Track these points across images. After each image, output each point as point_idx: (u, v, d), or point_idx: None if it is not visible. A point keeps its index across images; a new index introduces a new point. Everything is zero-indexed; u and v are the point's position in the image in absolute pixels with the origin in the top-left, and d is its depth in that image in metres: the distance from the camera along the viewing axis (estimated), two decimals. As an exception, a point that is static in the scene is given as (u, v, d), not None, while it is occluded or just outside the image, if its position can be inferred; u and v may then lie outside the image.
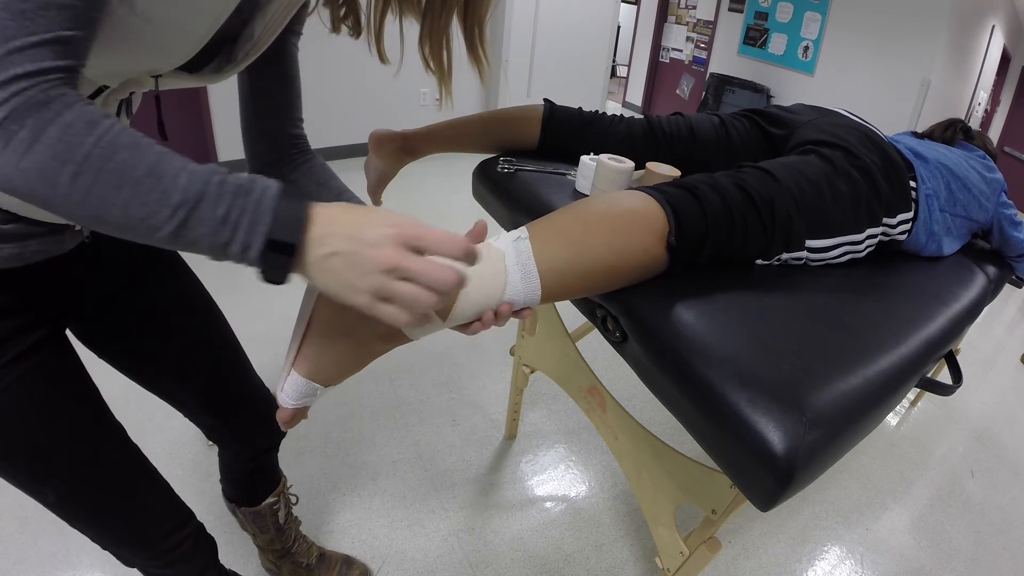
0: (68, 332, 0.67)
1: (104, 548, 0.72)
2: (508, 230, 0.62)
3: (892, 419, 1.95)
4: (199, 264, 0.81)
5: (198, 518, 0.85)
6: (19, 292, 0.57)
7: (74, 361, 0.65)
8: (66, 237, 0.58)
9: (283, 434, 1.01)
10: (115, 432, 0.69)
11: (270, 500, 1.04)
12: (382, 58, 0.63)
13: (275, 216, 0.40)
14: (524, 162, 0.99)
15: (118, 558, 0.75)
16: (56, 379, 0.62)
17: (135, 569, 0.78)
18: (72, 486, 0.65)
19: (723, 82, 4.94)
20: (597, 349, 1.95)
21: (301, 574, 1.16)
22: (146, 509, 0.74)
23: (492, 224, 1.12)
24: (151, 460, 0.75)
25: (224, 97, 3.13)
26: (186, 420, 0.94)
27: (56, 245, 0.57)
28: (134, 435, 0.73)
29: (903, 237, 0.85)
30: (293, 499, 1.13)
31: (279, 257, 0.41)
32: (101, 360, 0.77)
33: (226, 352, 0.88)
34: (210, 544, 0.88)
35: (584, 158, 0.91)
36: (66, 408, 0.63)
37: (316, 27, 0.75)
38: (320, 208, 0.43)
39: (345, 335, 0.51)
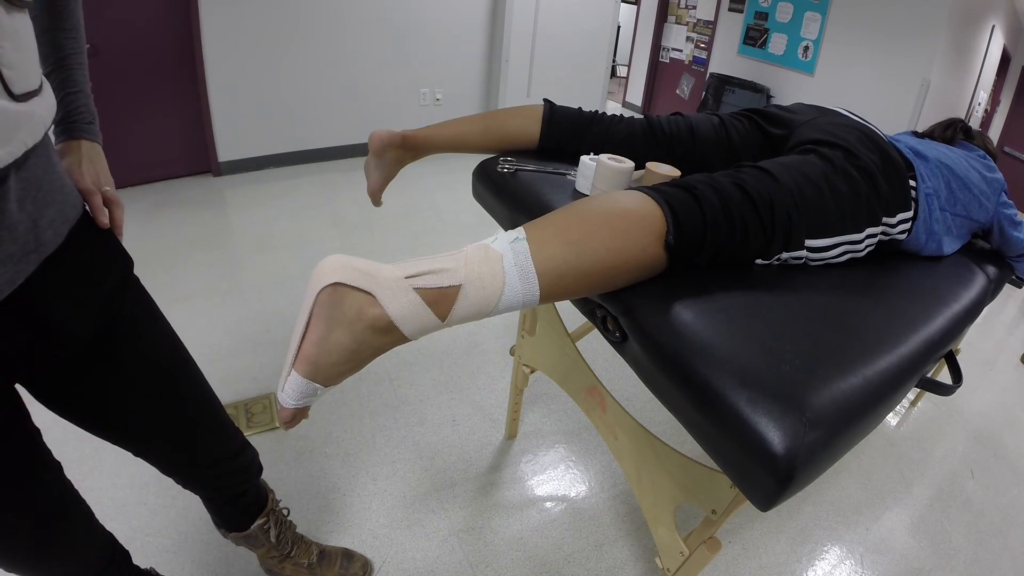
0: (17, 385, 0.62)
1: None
2: (507, 230, 0.62)
3: (892, 419, 1.95)
4: (199, 264, 0.80)
5: (198, 516, 0.84)
6: None
7: (10, 423, 0.60)
8: None
9: (253, 479, 0.98)
10: (39, 493, 0.66)
11: (259, 523, 1.01)
12: None
13: None
14: (524, 162, 0.99)
15: None
16: None
17: None
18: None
19: (723, 82, 4.93)
20: (597, 349, 1.95)
21: (303, 573, 1.16)
22: (65, 559, 0.72)
23: (492, 224, 1.12)
24: (145, 463, 0.75)
25: (224, 97, 3.13)
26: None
27: None
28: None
29: (903, 236, 0.85)
30: (285, 512, 1.11)
31: None
32: None
33: (192, 413, 0.81)
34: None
35: (584, 158, 0.91)
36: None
37: (316, 27, 0.74)
38: None
39: (343, 329, 0.51)
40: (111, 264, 0.67)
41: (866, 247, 0.80)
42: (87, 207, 0.65)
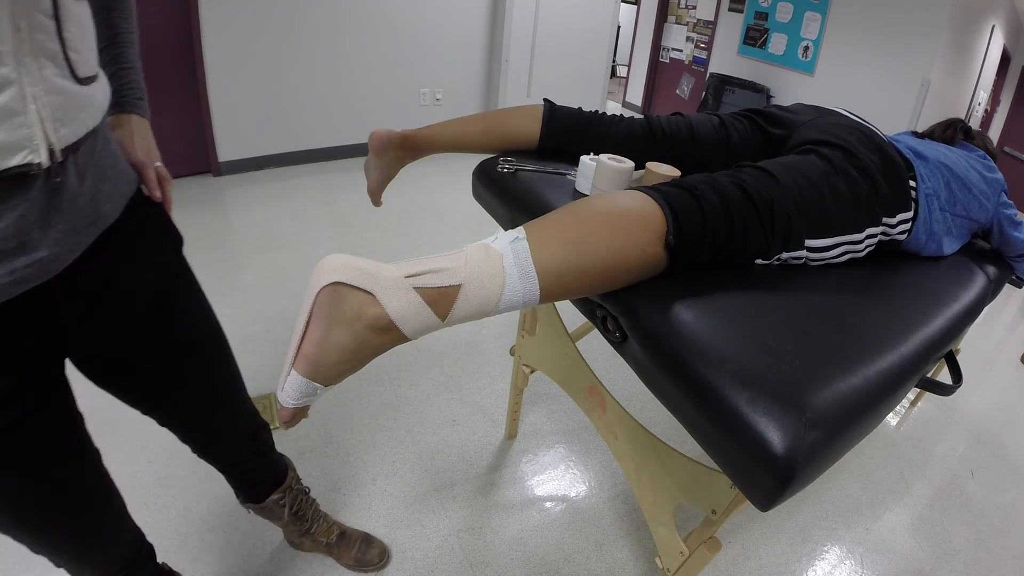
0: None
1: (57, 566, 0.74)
2: (507, 230, 0.62)
3: (892, 419, 1.95)
4: (199, 264, 0.81)
5: (199, 516, 0.86)
6: (5, 346, 0.53)
7: (61, 402, 0.62)
8: (44, 258, 0.51)
9: (266, 455, 1.02)
10: (85, 479, 0.68)
11: (274, 497, 1.06)
12: None
13: None
14: (524, 162, 0.99)
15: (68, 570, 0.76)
16: (37, 426, 0.59)
17: None
18: (34, 533, 0.66)
19: (723, 82, 4.93)
20: (597, 349, 1.95)
21: (321, 550, 1.21)
22: (96, 548, 0.75)
23: (492, 224, 1.12)
24: (153, 458, 0.76)
25: (224, 97, 3.13)
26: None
27: (32, 269, 0.50)
28: (134, 435, 0.73)
29: (903, 237, 0.85)
30: (306, 489, 1.16)
31: None
32: None
33: (224, 392, 0.86)
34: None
35: (584, 158, 0.91)
36: (38, 463, 0.61)
37: (316, 27, 0.75)
38: None
39: (343, 328, 0.52)
40: (166, 239, 0.71)
41: (866, 247, 0.80)
42: (141, 183, 0.68)
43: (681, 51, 5.77)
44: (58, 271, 0.53)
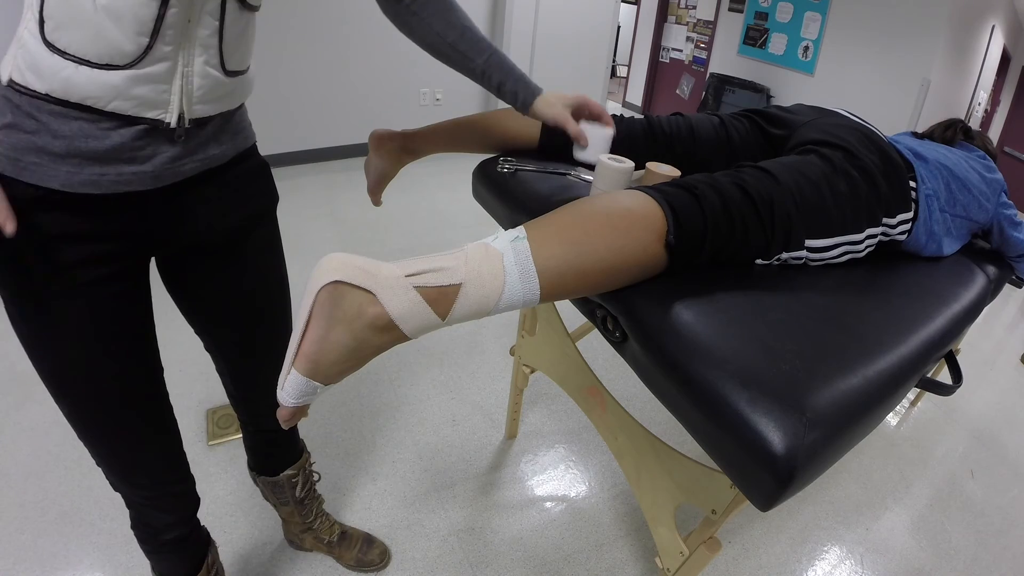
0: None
1: (97, 464, 0.77)
2: (507, 229, 0.62)
3: (892, 419, 1.95)
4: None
5: (200, 519, 0.86)
6: (104, 220, 0.61)
7: (141, 299, 0.70)
8: (148, 173, 0.61)
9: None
10: (148, 376, 0.75)
11: (288, 472, 1.07)
12: None
13: None
14: (524, 162, 0.99)
15: (108, 479, 0.80)
16: (117, 312, 0.67)
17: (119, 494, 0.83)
18: (87, 407, 0.70)
19: (723, 82, 4.94)
20: (597, 349, 1.95)
21: (322, 549, 1.22)
22: (145, 453, 0.78)
23: (492, 224, 1.12)
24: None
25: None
26: (188, 421, 0.95)
27: (137, 179, 0.60)
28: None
29: (903, 237, 0.85)
30: (316, 476, 1.17)
31: None
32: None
33: (275, 341, 0.90)
34: (194, 500, 0.92)
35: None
36: (115, 344, 0.68)
37: (315, 28, 0.76)
38: None
39: (343, 327, 0.52)
40: (260, 194, 0.81)
41: (866, 247, 0.80)
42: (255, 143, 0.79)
43: (681, 51, 5.77)
44: (156, 186, 0.63)
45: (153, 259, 0.74)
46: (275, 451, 1.05)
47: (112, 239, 0.63)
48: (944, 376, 0.95)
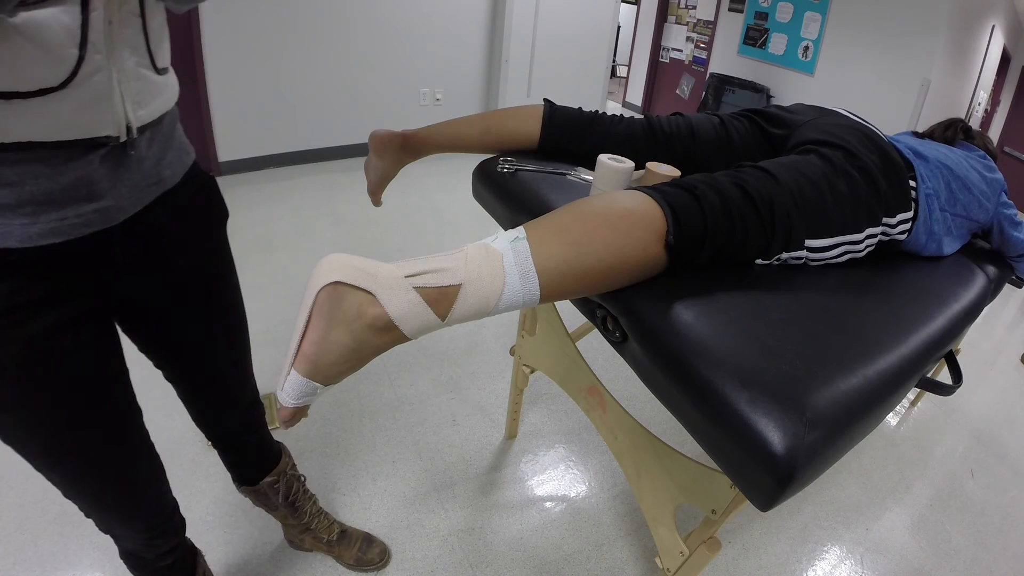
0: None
1: (87, 516, 0.76)
2: (507, 229, 0.62)
3: (892, 419, 1.95)
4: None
5: (199, 517, 0.86)
6: (73, 276, 0.58)
7: (112, 354, 0.67)
8: (110, 207, 0.58)
9: (259, 430, 1.04)
10: (133, 424, 0.72)
11: (268, 479, 1.07)
12: None
13: None
14: (524, 162, 0.99)
15: (98, 526, 0.79)
16: (99, 371, 0.64)
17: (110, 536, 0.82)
18: (82, 471, 0.68)
19: (723, 82, 4.93)
20: (597, 349, 1.95)
21: (321, 549, 1.21)
22: (140, 499, 0.78)
23: (492, 224, 1.12)
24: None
25: (224, 97, 3.13)
26: (187, 421, 0.95)
27: (98, 215, 0.57)
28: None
29: (903, 237, 0.85)
30: (301, 478, 1.16)
31: None
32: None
33: (237, 356, 0.90)
34: (182, 525, 0.92)
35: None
36: (102, 403, 0.66)
37: (316, 27, 0.76)
38: None
39: (343, 328, 0.52)
40: (214, 209, 0.79)
41: (866, 247, 0.80)
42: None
43: (681, 51, 5.77)
44: (120, 220, 0.60)
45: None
46: (249, 462, 1.05)
47: (82, 295, 0.60)
48: (944, 376, 0.95)
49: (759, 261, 0.73)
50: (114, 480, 0.72)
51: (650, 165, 0.86)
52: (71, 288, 0.58)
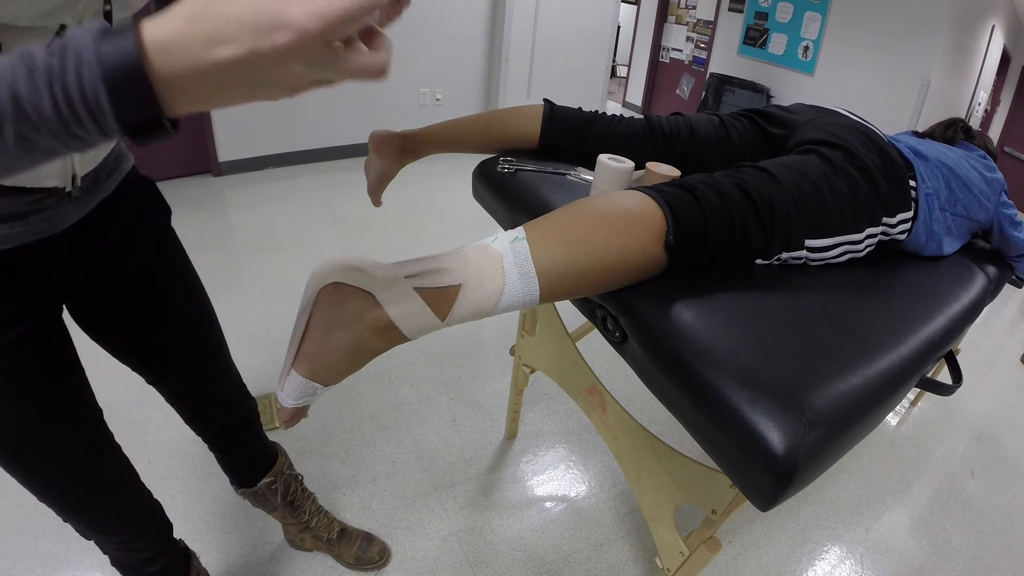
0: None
1: (65, 521, 0.76)
2: (507, 230, 0.62)
3: (892, 419, 1.95)
4: (199, 264, 0.81)
5: (199, 517, 0.86)
6: (10, 279, 0.59)
7: (62, 349, 0.67)
8: (56, 215, 0.60)
9: (252, 428, 1.03)
10: (93, 422, 0.72)
11: (266, 480, 1.06)
12: None
13: (100, 51, 0.30)
14: (524, 162, 0.99)
15: (78, 531, 0.78)
16: (49, 367, 0.65)
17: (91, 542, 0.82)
18: (44, 469, 0.68)
19: (723, 82, 4.93)
20: (597, 349, 1.95)
21: (322, 548, 1.22)
22: (110, 498, 0.77)
23: (492, 224, 1.12)
24: (153, 458, 0.77)
25: (224, 97, 3.12)
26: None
27: (45, 224, 0.59)
28: (134, 435, 0.74)
29: (903, 237, 0.85)
30: (299, 478, 1.16)
31: (129, 91, 0.30)
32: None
33: (211, 351, 0.90)
34: (167, 528, 0.92)
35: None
36: (58, 399, 0.66)
37: None
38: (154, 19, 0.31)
39: (343, 329, 0.51)
40: (155, 210, 0.80)
41: (866, 247, 0.80)
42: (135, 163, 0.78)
43: (681, 51, 5.77)
44: (63, 227, 0.63)
45: (72, 313, 0.72)
46: (246, 463, 1.05)
47: (25, 295, 0.61)
48: (944, 376, 0.95)
49: (759, 261, 0.73)
50: (80, 476, 0.72)
51: (650, 165, 0.86)
52: (17, 287, 0.60)
